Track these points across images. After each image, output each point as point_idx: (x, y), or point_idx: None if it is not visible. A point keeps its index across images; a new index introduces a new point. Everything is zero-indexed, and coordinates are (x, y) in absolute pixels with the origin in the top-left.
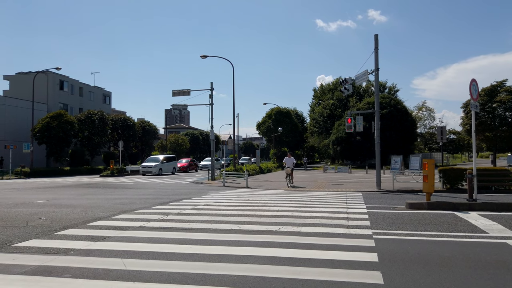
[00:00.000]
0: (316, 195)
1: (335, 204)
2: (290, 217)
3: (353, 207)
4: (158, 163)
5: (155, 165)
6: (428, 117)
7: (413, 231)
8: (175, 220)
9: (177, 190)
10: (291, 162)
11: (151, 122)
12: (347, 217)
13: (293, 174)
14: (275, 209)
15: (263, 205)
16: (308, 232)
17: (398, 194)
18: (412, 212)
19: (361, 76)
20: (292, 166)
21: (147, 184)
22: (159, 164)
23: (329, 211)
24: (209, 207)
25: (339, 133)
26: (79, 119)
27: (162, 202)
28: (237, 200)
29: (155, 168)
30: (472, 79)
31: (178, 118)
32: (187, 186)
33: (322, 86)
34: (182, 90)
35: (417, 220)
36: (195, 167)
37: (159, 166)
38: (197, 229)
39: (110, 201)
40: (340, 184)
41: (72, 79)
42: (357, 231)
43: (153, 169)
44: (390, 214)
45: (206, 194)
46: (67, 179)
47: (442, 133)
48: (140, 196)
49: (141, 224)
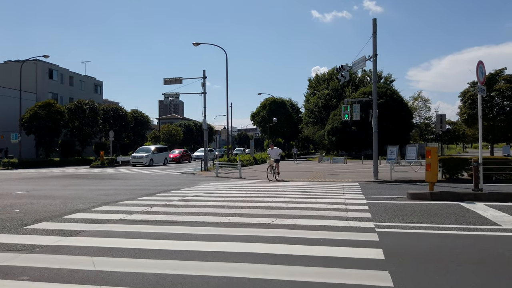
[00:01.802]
0: (312, 186)
1: (332, 194)
2: (285, 209)
3: (351, 197)
4: (149, 153)
5: (146, 155)
6: (424, 107)
7: (418, 224)
8: (160, 212)
9: (167, 181)
10: (275, 153)
11: (143, 113)
12: (345, 209)
13: (279, 167)
14: (268, 200)
15: (256, 196)
16: (305, 225)
17: (397, 184)
18: (415, 203)
19: (358, 63)
20: (277, 157)
21: (137, 175)
22: (150, 155)
23: (326, 202)
24: (198, 198)
25: (334, 123)
26: (69, 109)
27: (149, 193)
28: (229, 191)
29: (146, 159)
30: (479, 61)
31: (172, 109)
32: (178, 177)
33: (317, 76)
34: (174, 78)
35: (421, 211)
36: (188, 158)
37: (150, 157)
38: (183, 222)
39: (94, 192)
40: (336, 175)
41: (61, 68)
42: (357, 223)
43: (143, 159)
44: (391, 205)
45: (197, 185)
46: (56, 170)
47: (441, 122)
48: (127, 187)
49: (122, 217)
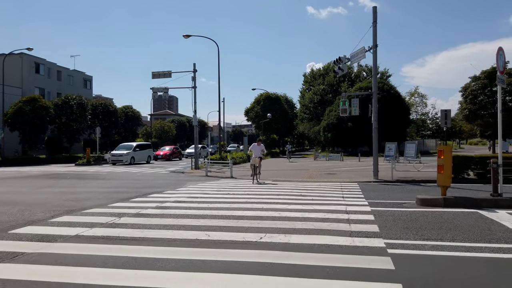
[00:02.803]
0: (308, 187)
1: (331, 199)
2: (277, 219)
3: (353, 203)
4: (130, 151)
5: (126, 153)
6: (420, 103)
7: (439, 241)
8: (128, 225)
9: (151, 182)
10: (259, 151)
11: (134, 108)
12: (347, 219)
13: (262, 166)
14: (258, 207)
15: (245, 201)
16: (300, 244)
17: (399, 185)
18: (427, 211)
19: (357, 54)
20: (261, 155)
21: (121, 175)
22: (131, 152)
23: (324, 209)
24: (178, 204)
25: (330, 119)
26: (56, 104)
27: (126, 197)
28: (216, 194)
29: (126, 157)
30: (499, 48)
31: (167, 105)
32: (165, 177)
33: (312, 71)
34: (163, 72)
35: (437, 222)
36: (179, 155)
37: (131, 155)
38: (151, 239)
39: (64, 196)
40: (333, 174)
41: (49, 62)
42: (364, 241)
43: (124, 157)
44: (400, 214)
45: (182, 186)
46: (38, 168)
47: (446, 117)
48: (104, 190)
49: (79, 232)
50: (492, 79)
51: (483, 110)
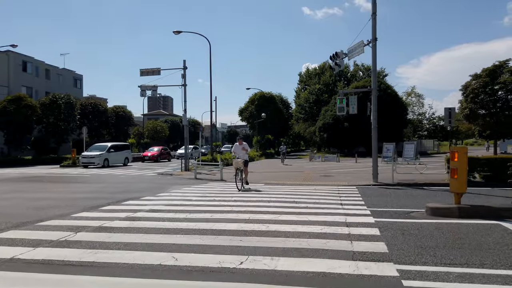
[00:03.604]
0: (302, 192)
1: (328, 207)
2: (264, 235)
3: (353, 212)
4: (103, 152)
5: (98, 154)
6: (417, 103)
7: (465, 267)
8: (81, 244)
9: (133, 185)
10: (242, 151)
11: (126, 108)
12: (348, 234)
13: (248, 170)
14: (244, 218)
15: (230, 210)
16: (289, 273)
17: (402, 189)
18: (441, 223)
19: (355, 49)
20: (246, 157)
21: (104, 177)
22: (104, 154)
23: (321, 221)
24: (152, 214)
25: (326, 119)
26: (43, 104)
27: (96, 204)
28: (200, 200)
29: (99, 159)
30: None
31: (161, 105)
32: (150, 179)
33: (308, 70)
34: (151, 69)
35: (456, 239)
36: (168, 157)
37: (105, 156)
38: (102, 265)
39: (28, 203)
40: (329, 176)
41: (37, 60)
42: (371, 267)
43: (95, 159)
44: (410, 227)
45: (165, 191)
46: (20, 170)
47: (450, 116)
48: (77, 195)
49: (18, 253)
50: (493, 77)
51: (484, 109)
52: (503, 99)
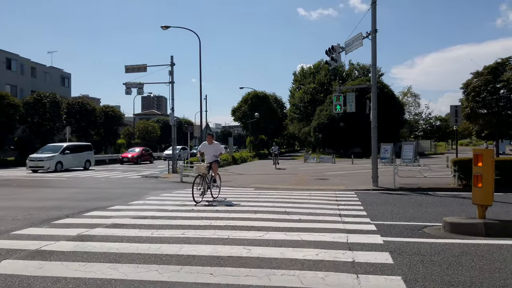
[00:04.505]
0: (295, 199)
1: (324, 219)
2: (242, 264)
3: (355, 227)
4: (56, 154)
5: (49, 156)
6: (413, 103)
7: None
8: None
9: (108, 191)
10: (212, 152)
11: (115, 108)
12: (352, 262)
13: (218, 174)
14: (221, 237)
15: (208, 224)
16: None
17: (405, 195)
18: (466, 244)
19: (352, 42)
20: (216, 158)
21: (81, 181)
22: (56, 156)
23: (316, 241)
24: (111, 231)
25: (321, 119)
26: (27, 102)
27: (53, 216)
28: (176, 211)
29: (49, 162)
30: None
31: (155, 105)
32: (131, 183)
33: (303, 69)
34: (137, 65)
35: (493, 271)
36: (149, 158)
37: (57, 159)
38: None
39: None
40: (325, 179)
41: (22, 58)
42: None
43: (45, 162)
44: (429, 251)
45: (140, 199)
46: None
47: (457, 114)
48: (40, 203)
49: None
50: (495, 75)
51: (485, 108)
52: (505, 98)
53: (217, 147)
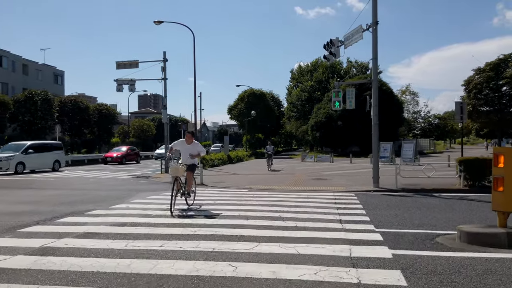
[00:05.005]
0: (291, 201)
1: (324, 225)
2: None
3: (358, 236)
4: (17, 153)
5: (7, 156)
6: (412, 101)
7: None
8: None
9: (92, 193)
10: (188, 152)
11: (110, 106)
12: (358, 284)
13: (194, 179)
14: (205, 250)
15: (190, 235)
16: None
17: (409, 197)
18: (489, 259)
19: (352, 35)
20: (194, 161)
21: (67, 181)
22: (17, 156)
23: (315, 255)
24: (82, 242)
25: (319, 117)
26: (18, 100)
27: (22, 223)
28: (159, 216)
29: (7, 162)
30: None
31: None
32: (117, 185)
33: (300, 67)
34: (129, 61)
35: None
36: (136, 158)
37: (18, 159)
38: None
39: None
40: (323, 179)
41: (13, 55)
42: None
43: (3, 163)
44: (448, 269)
45: (124, 202)
46: None
47: (462, 111)
48: (13, 207)
49: None
50: (498, 72)
51: (487, 106)
52: (508, 95)
53: (198, 147)
